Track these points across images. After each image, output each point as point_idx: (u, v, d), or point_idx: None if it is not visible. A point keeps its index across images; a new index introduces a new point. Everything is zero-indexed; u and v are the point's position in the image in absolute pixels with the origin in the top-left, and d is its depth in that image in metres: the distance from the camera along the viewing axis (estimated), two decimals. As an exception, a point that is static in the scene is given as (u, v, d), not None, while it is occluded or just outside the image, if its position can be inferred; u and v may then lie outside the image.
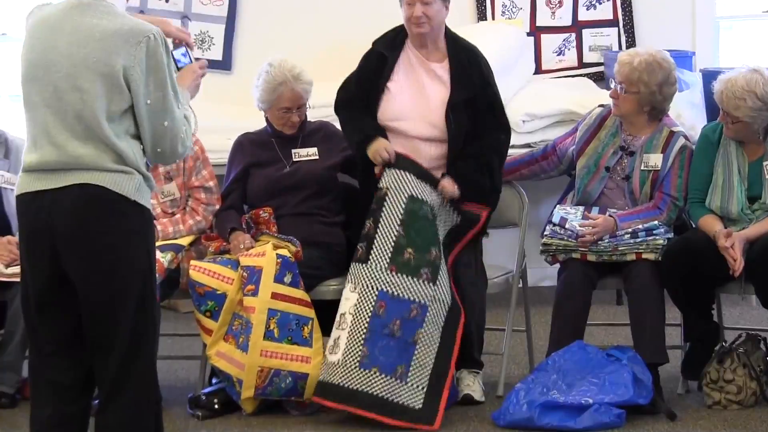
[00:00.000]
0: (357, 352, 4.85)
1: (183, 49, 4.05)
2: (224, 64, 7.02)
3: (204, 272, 4.99)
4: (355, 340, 4.86)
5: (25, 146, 3.77)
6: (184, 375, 5.61)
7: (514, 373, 5.43)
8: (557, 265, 5.24)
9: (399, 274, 4.92)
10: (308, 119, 5.38)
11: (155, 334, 3.90)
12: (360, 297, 4.90)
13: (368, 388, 4.83)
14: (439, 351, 4.91)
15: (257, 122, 5.44)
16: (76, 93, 3.65)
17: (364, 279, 4.91)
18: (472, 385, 5.10)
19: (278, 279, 4.93)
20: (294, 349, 4.91)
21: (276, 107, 5.28)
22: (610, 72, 6.06)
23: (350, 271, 4.97)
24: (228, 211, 5.30)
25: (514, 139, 5.59)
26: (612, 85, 5.28)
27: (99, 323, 3.73)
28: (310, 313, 4.97)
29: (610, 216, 5.12)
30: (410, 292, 4.91)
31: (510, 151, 5.33)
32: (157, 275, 4.80)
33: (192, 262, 5.06)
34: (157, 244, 5.02)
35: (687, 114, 6.14)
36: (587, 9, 7.02)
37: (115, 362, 3.73)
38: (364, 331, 4.86)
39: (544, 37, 7.04)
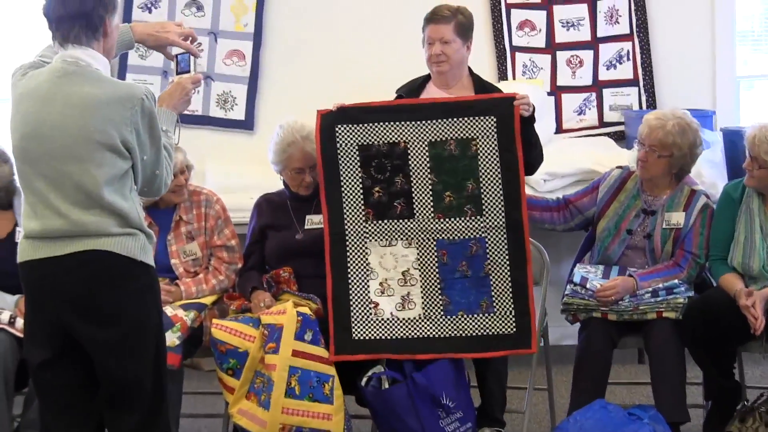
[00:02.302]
0: (438, 302, 4.96)
1: (187, 56, 4.10)
2: (247, 124, 7.05)
3: (226, 330, 5.00)
4: (431, 291, 4.97)
5: (23, 212, 3.77)
6: (207, 433, 5.63)
7: (535, 431, 5.42)
8: (578, 324, 5.24)
9: (446, 219, 4.97)
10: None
11: (169, 388, 3.91)
12: (420, 251, 4.99)
13: (459, 332, 4.93)
14: (512, 274, 4.94)
15: (279, 182, 5.47)
16: (75, 164, 3.66)
17: (417, 233, 4.99)
18: (494, 444, 5.10)
19: (299, 336, 4.94)
20: (315, 407, 4.91)
21: (288, 168, 5.30)
22: (631, 131, 6.07)
23: (391, 228, 5.00)
24: (249, 272, 5.32)
25: (534, 200, 5.59)
26: (636, 147, 5.29)
27: (118, 384, 3.72)
28: (330, 370, 4.97)
29: (629, 276, 5.13)
30: (463, 232, 4.96)
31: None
32: (180, 333, 4.86)
33: (214, 320, 5.07)
34: (180, 302, 5.07)
35: (708, 172, 6.15)
36: (607, 69, 7.04)
37: (135, 421, 3.73)
38: (438, 280, 4.97)
39: (564, 96, 7.06)
